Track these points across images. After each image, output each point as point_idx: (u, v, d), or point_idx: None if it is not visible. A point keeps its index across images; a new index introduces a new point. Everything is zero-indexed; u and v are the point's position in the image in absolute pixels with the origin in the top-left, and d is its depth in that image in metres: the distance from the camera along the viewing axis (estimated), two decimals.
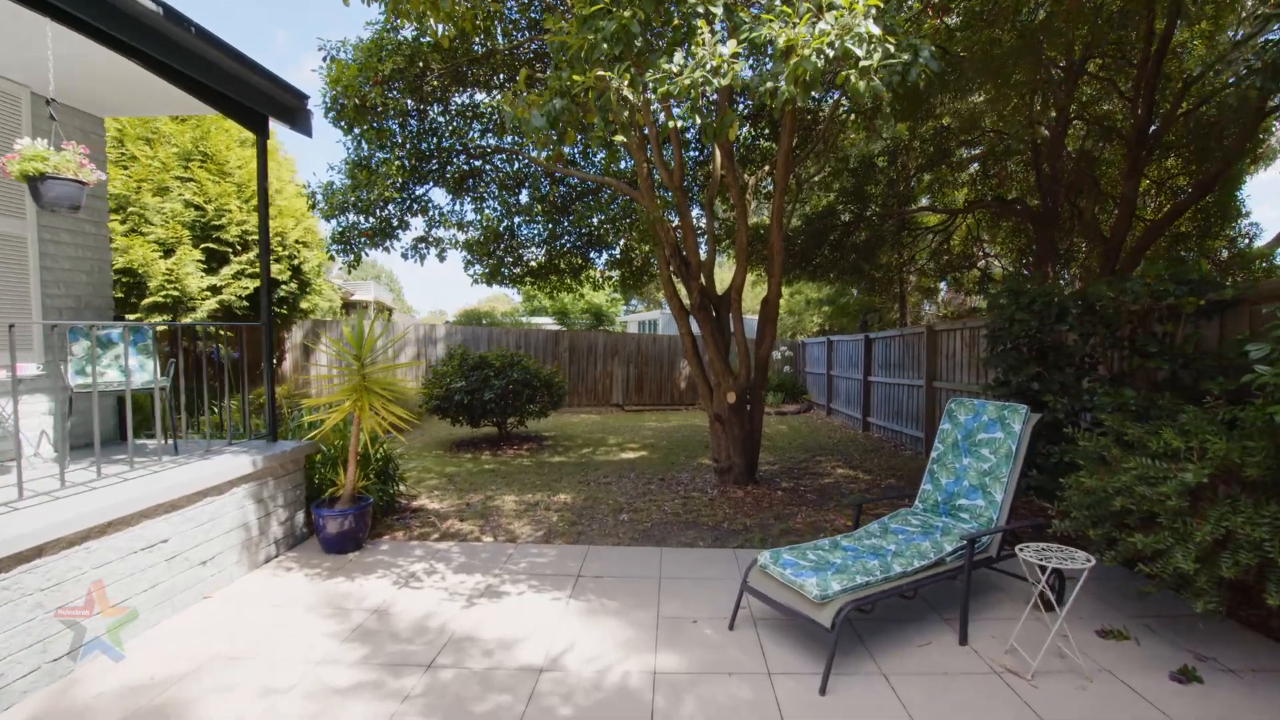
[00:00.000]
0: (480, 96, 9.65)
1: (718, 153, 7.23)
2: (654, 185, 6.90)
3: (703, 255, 7.38)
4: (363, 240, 8.91)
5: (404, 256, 9.48)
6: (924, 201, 11.76)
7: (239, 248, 11.20)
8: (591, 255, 11.37)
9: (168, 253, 10.46)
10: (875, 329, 17.00)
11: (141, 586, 3.55)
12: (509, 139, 9.24)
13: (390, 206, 9.06)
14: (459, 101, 9.26)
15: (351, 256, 9.10)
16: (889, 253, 12.71)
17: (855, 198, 11.21)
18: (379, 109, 7.59)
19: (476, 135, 9.45)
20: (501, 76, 9.35)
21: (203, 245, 10.76)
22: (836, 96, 8.49)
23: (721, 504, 6.24)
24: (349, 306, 22.54)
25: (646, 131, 6.80)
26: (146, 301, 10.25)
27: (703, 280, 6.93)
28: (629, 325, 34.20)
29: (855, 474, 7.91)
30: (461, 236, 9.82)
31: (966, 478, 4.03)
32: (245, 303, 11.29)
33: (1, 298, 4.45)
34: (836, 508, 6.16)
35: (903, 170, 11.25)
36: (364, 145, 8.26)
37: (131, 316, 10.17)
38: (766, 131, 10.01)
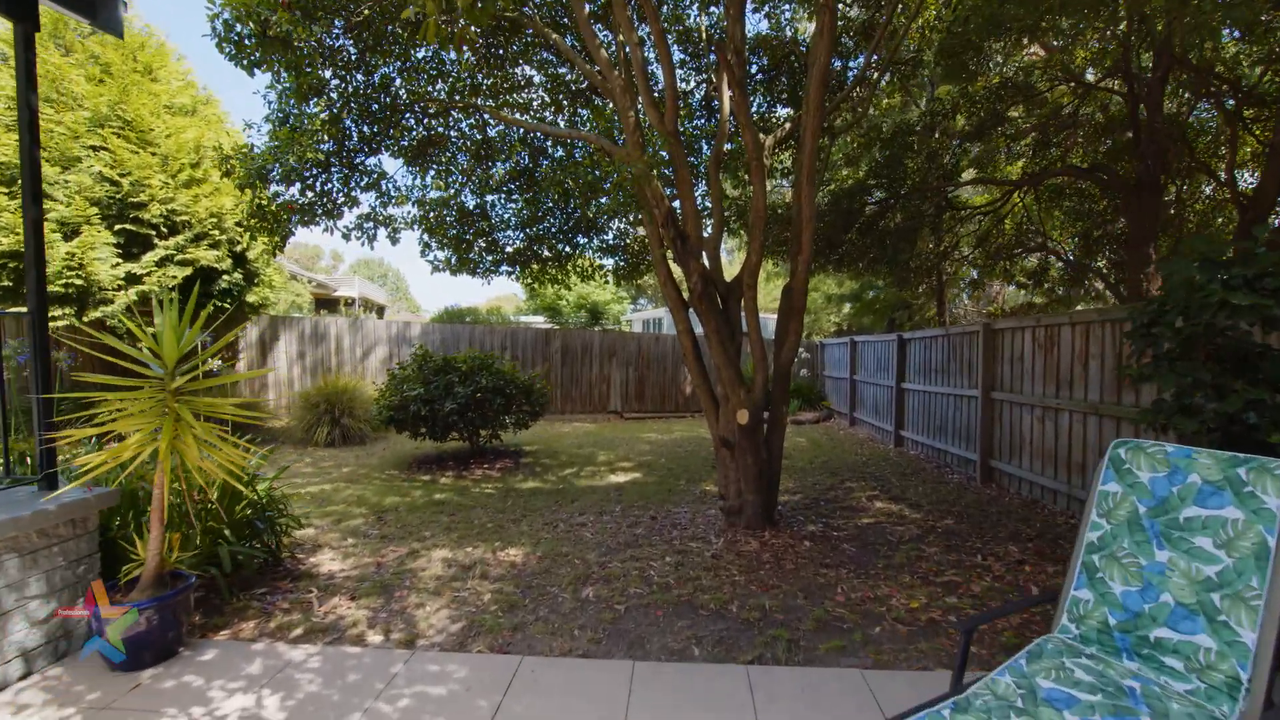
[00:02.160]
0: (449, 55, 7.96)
1: (725, 92, 5.45)
2: (643, 137, 5.13)
3: (706, 232, 5.61)
4: (293, 217, 7.20)
5: (345, 237, 7.76)
6: (970, 178, 9.93)
7: (164, 230, 9.51)
8: (580, 240, 9.61)
9: (71, 235, 8.78)
10: (906, 328, 15.13)
11: None
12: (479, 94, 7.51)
13: (332, 178, 7.36)
14: (420, 56, 7.54)
15: (275, 236, 7.39)
16: (927, 238, 10.88)
17: (889, 173, 9.39)
18: (292, 42, 5.86)
19: (443, 95, 7.73)
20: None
21: (118, 226, 9.07)
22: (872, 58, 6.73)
23: (730, 564, 4.45)
24: (328, 304, 20.94)
25: (629, 52, 5.04)
26: (51, 289, 8.56)
27: (705, 262, 5.15)
28: (633, 324, 32.44)
29: (899, 510, 6.10)
30: (419, 214, 8.07)
31: (1168, 589, 2.24)
32: (174, 294, 9.58)
33: None
34: (889, 570, 4.36)
35: (945, 140, 9.42)
36: (282, 93, 6.51)
37: (13, 309, 8.51)
38: (785, 95, 8.23)
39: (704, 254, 5.18)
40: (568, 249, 9.71)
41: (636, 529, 5.42)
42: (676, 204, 6.07)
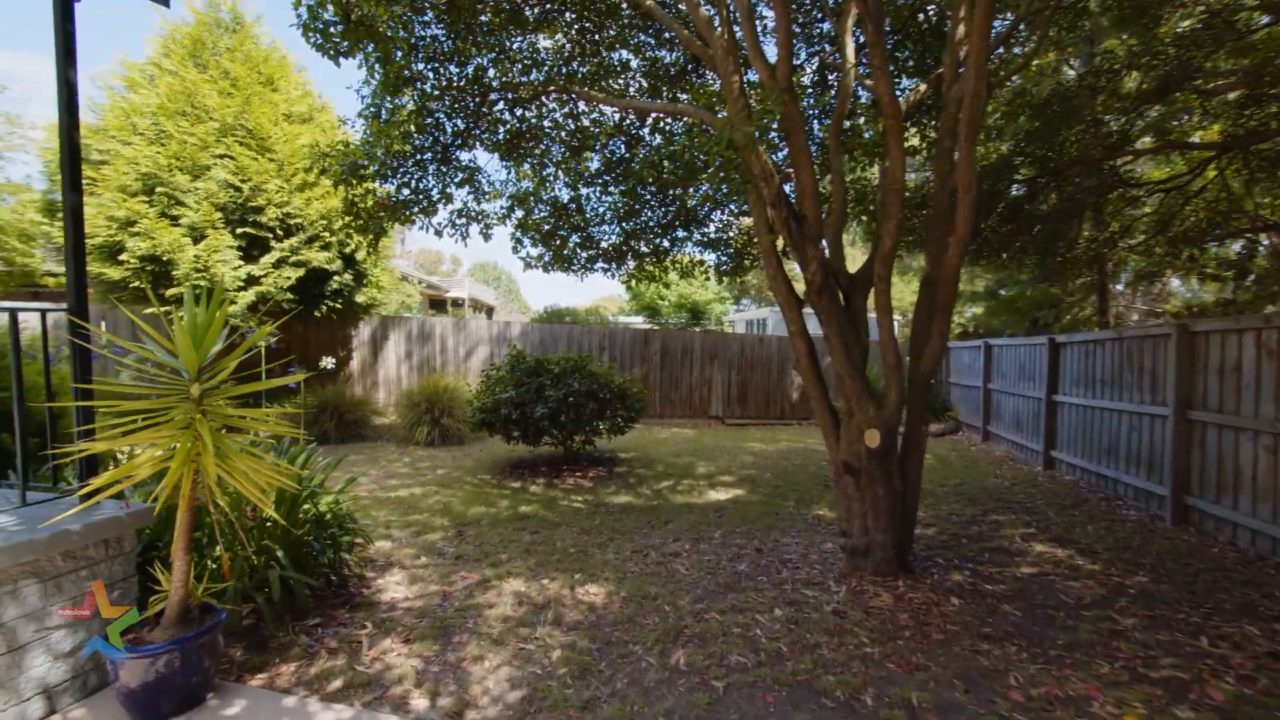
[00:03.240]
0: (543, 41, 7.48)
1: (849, 45, 4.47)
2: (748, 107, 4.25)
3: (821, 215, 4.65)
4: (381, 213, 6.95)
5: (438, 234, 7.43)
6: (1148, 146, 8.18)
7: (280, 233, 9.72)
8: (679, 234, 8.85)
9: (199, 238, 9.12)
10: (1056, 329, 13.13)
11: None
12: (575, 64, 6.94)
13: (427, 174, 7.06)
14: (515, 46, 7.10)
15: (369, 234, 7.18)
16: (1088, 222, 9.17)
17: (1040, 147, 7.88)
18: (378, 28, 5.51)
19: (537, 81, 7.24)
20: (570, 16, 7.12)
21: (239, 230, 9.34)
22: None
23: (858, 626, 3.51)
24: (439, 305, 21.48)
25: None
26: (171, 292, 8.96)
27: (825, 250, 4.20)
28: (736, 325, 31.30)
29: (1067, 557, 4.83)
30: (509, 207, 7.63)
31: None
32: (289, 294, 9.81)
33: None
34: (1075, 650, 3.24)
35: (1113, 102, 7.78)
36: (373, 83, 6.21)
37: (150, 310, 8.92)
38: (911, 65, 7.03)
39: (824, 240, 4.24)
40: (666, 243, 8.98)
41: (739, 564, 4.56)
42: (787, 186, 5.16)
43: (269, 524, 3.51)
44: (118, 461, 3.47)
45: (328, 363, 11.52)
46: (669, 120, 7.89)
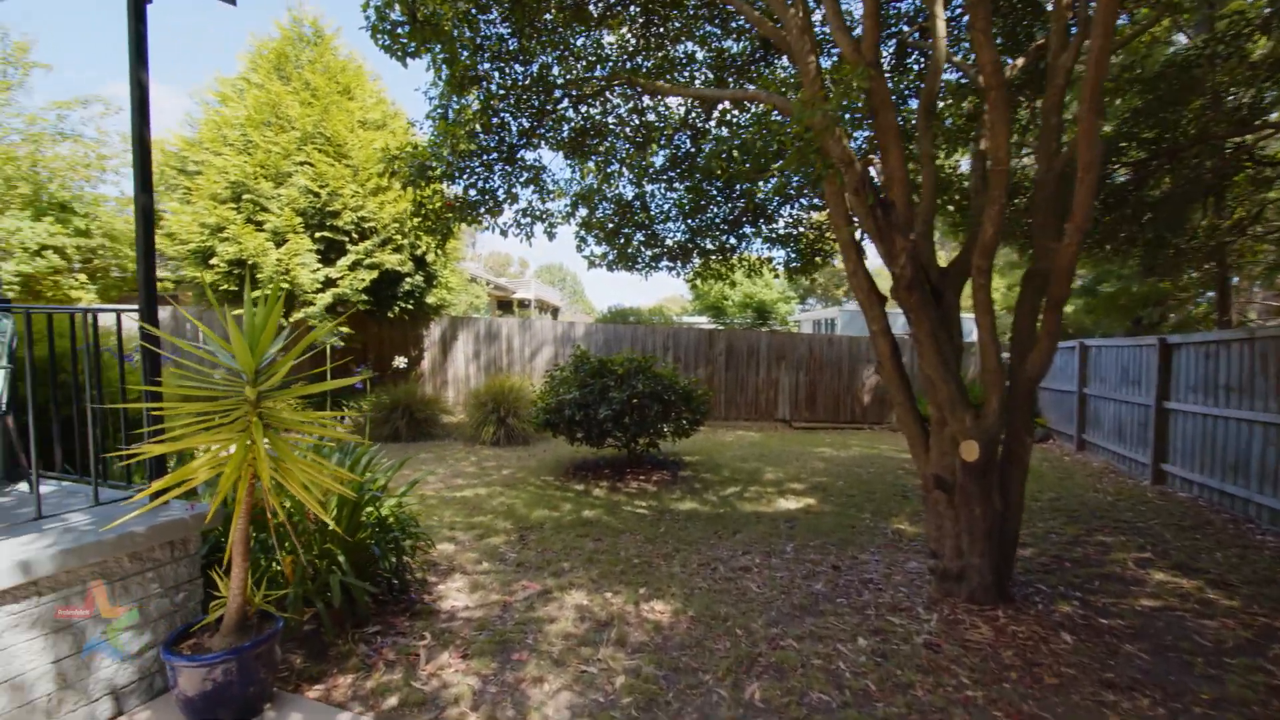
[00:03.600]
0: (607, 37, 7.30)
1: (939, 7, 4.04)
2: (824, 88, 3.87)
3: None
4: (448, 214, 6.94)
5: (503, 234, 7.37)
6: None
7: (355, 236, 9.97)
8: (747, 230, 8.49)
9: (281, 242, 9.44)
10: (1165, 328, 11.95)
11: None
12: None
13: (493, 175, 7.01)
14: (579, 43, 6.96)
15: (436, 235, 7.18)
16: (1209, 209, 8.21)
17: (1152, 126, 7.08)
18: (443, 26, 5.45)
19: (601, 77, 7.07)
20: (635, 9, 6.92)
21: (318, 234, 9.62)
22: None
23: (955, 664, 3.11)
24: (505, 306, 21.79)
25: None
26: (255, 294, 9.28)
27: (914, 239, 3.79)
28: (802, 326, 30.39)
29: (1196, 588, 4.22)
30: (572, 206, 7.49)
31: None
32: (364, 296, 10.04)
33: None
34: (1227, 710, 2.74)
35: (1240, 72, 6.89)
36: (440, 85, 6.18)
37: (236, 312, 9.31)
38: (999, 41, 6.42)
39: (914, 229, 3.83)
40: (732, 240, 8.64)
41: (814, 583, 4.20)
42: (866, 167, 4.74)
43: (331, 528, 3.44)
44: (184, 462, 3.48)
45: (400, 362, 11.75)
46: (736, 112, 7.56)
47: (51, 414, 3.12)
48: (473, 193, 6.73)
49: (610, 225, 7.77)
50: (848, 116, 3.64)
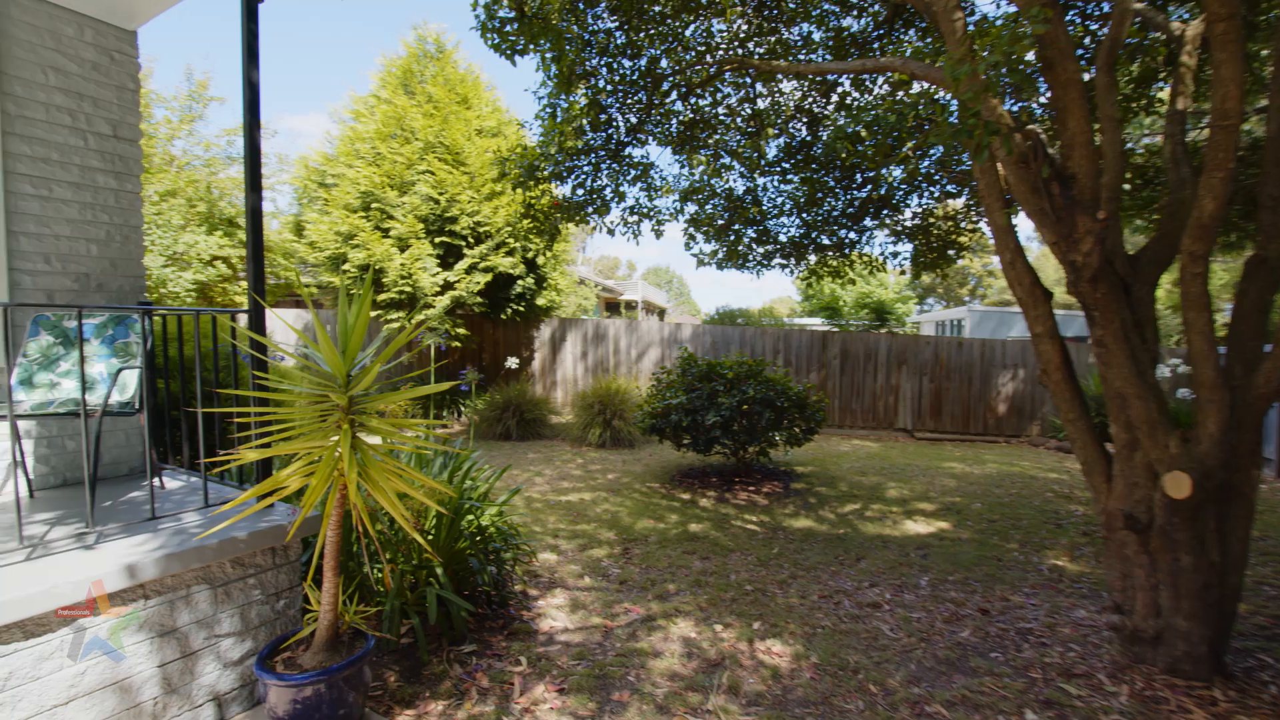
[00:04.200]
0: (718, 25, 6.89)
1: None
2: (973, 51, 3.21)
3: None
4: (556, 213, 6.81)
5: (610, 233, 7.15)
6: None
7: (471, 240, 10.20)
8: (868, 223, 7.75)
9: (404, 248, 9.83)
10: None
11: None
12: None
13: (601, 174, 6.81)
14: (688, 33, 6.61)
15: (544, 236, 7.08)
16: None
17: None
18: (551, 21, 5.27)
19: (711, 63, 6.67)
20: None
21: (437, 239, 9.93)
22: None
23: None
24: (613, 307, 21.84)
25: None
26: (383, 297, 9.73)
27: (1104, 219, 3.05)
28: (922, 328, 28.24)
29: None
30: (681, 202, 7.13)
31: None
32: (479, 298, 10.26)
33: None
34: None
35: None
36: (549, 84, 6.04)
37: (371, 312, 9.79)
38: None
39: (1103, 206, 3.10)
40: (852, 234, 7.93)
41: (960, 629, 3.55)
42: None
43: (430, 537, 3.28)
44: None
45: (512, 363, 11.93)
46: (856, 95, 6.88)
47: (175, 412, 3.18)
48: (580, 192, 6.56)
49: (720, 221, 7.34)
50: (1019, 68, 2.97)
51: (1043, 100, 5.05)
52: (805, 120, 7.28)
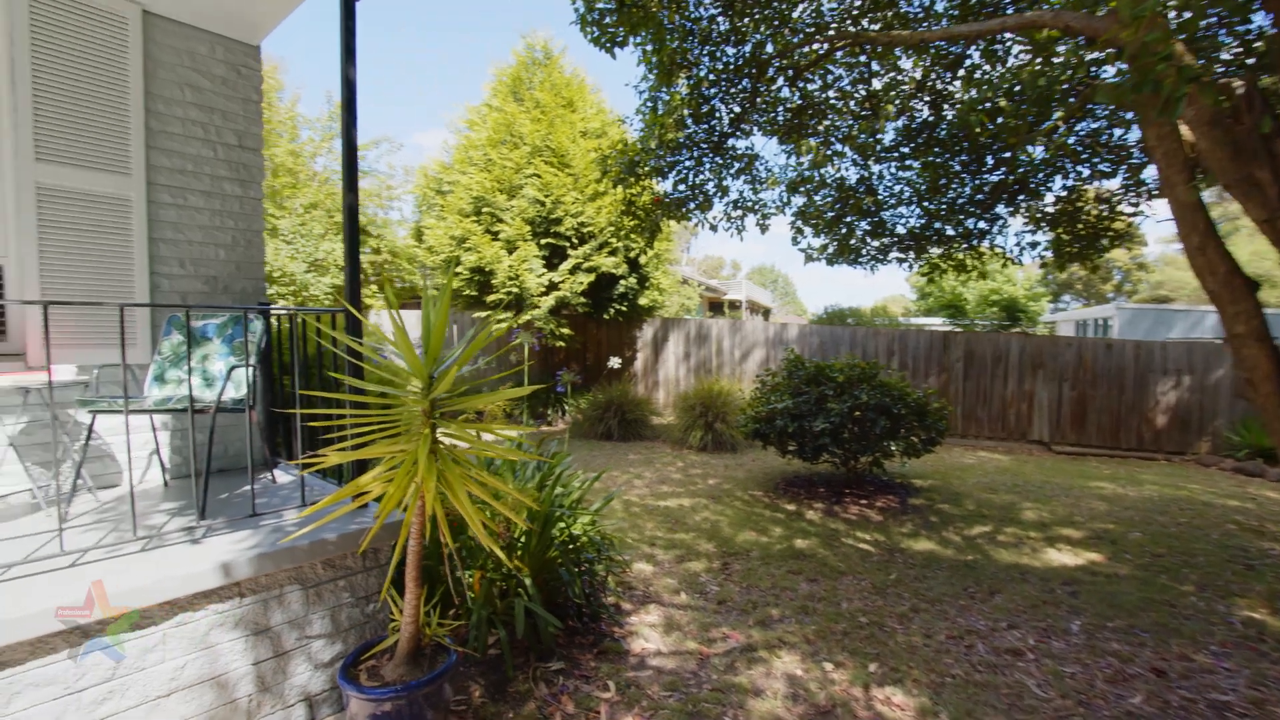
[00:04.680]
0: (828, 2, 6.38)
1: None
2: None
3: None
4: (657, 210, 6.59)
5: (713, 228, 6.83)
6: None
7: (575, 241, 10.23)
8: (1000, 211, 6.90)
9: (512, 250, 10.02)
10: None
11: None
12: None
13: (703, 168, 6.53)
14: (796, 15, 6.18)
15: (644, 234, 6.87)
16: None
17: None
18: (650, 8, 5.04)
19: (820, 42, 6.20)
20: None
21: (543, 241, 10.04)
22: None
23: None
24: (716, 307, 21.36)
25: None
26: (492, 298, 9.97)
27: None
28: (1058, 328, 25.44)
29: None
30: (789, 195, 6.67)
31: None
32: (582, 298, 10.28)
33: (90, 277, 3.25)
34: None
35: None
36: (649, 77, 5.82)
37: (479, 314, 10.04)
38: None
39: None
40: (981, 224, 7.08)
41: (1129, 693, 2.91)
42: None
43: (519, 547, 3.14)
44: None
45: (614, 362, 11.89)
46: (987, 68, 6.09)
47: (288, 410, 3.24)
48: (682, 188, 6.30)
49: (830, 213, 6.79)
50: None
51: (1235, 50, 4.13)
52: (927, 99, 6.58)
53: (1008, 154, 6.23)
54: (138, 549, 2.40)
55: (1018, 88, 4.24)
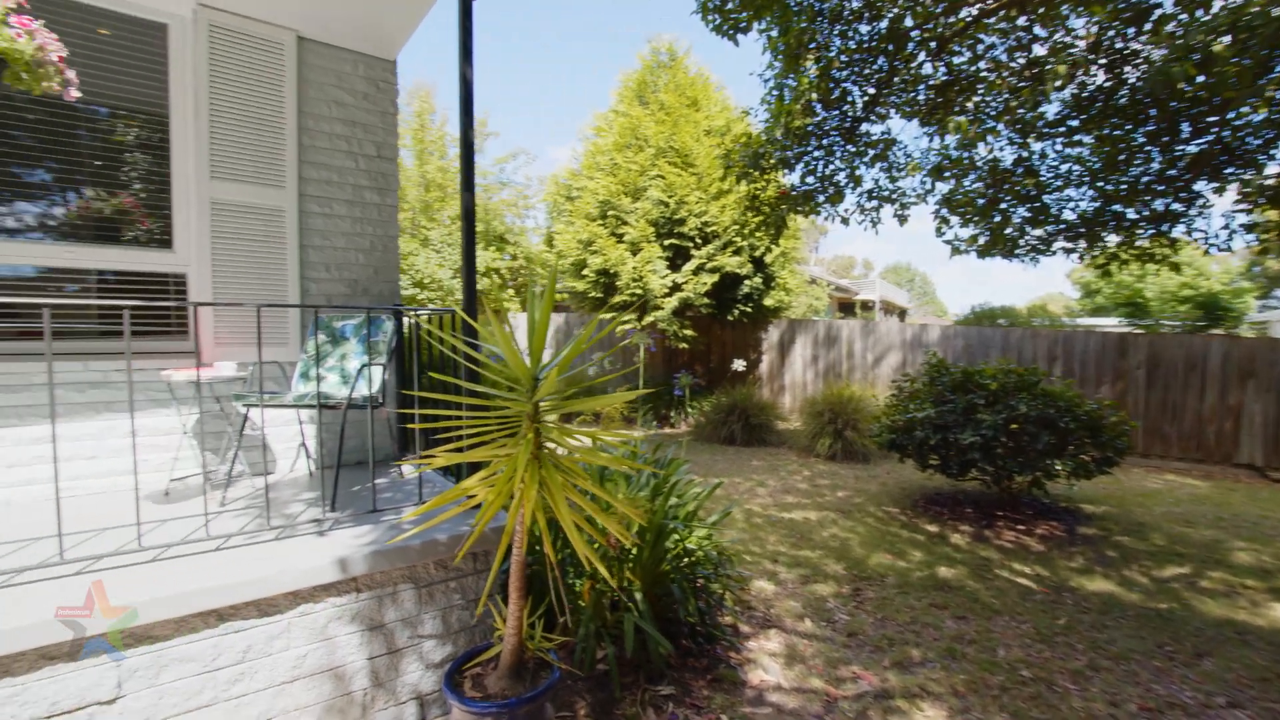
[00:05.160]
0: None
1: None
2: None
3: None
4: (783, 204, 6.18)
5: (845, 221, 6.31)
6: None
7: (698, 241, 10.01)
8: (1200, 187, 5.72)
9: (636, 251, 10.00)
10: None
11: None
12: None
13: (833, 157, 6.05)
14: None
15: (770, 229, 6.46)
16: None
17: None
18: None
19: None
20: None
21: (666, 242, 9.93)
22: None
23: None
24: (847, 308, 20.05)
25: None
26: (616, 299, 10.01)
27: None
28: (1272, 328, 21.15)
29: None
30: (933, 182, 5.97)
31: None
32: (706, 299, 10.04)
33: (252, 283, 3.53)
34: None
35: None
36: (774, 64, 5.44)
37: (604, 315, 10.10)
38: None
39: None
40: (1175, 204, 5.92)
41: None
42: None
43: (630, 559, 2.96)
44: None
45: (738, 365, 11.50)
46: (1185, 15, 5.02)
47: (410, 410, 3.31)
48: (810, 179, 5.85)
49: (981, 200, 5.99)
50: None
51: None
52: (1102, 62, 5.59)
53: (1213, 118, 5.14)
54: (272, 537, 2.51)
55: (1244, 20, 3.37)
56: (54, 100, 2.89)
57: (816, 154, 5.78)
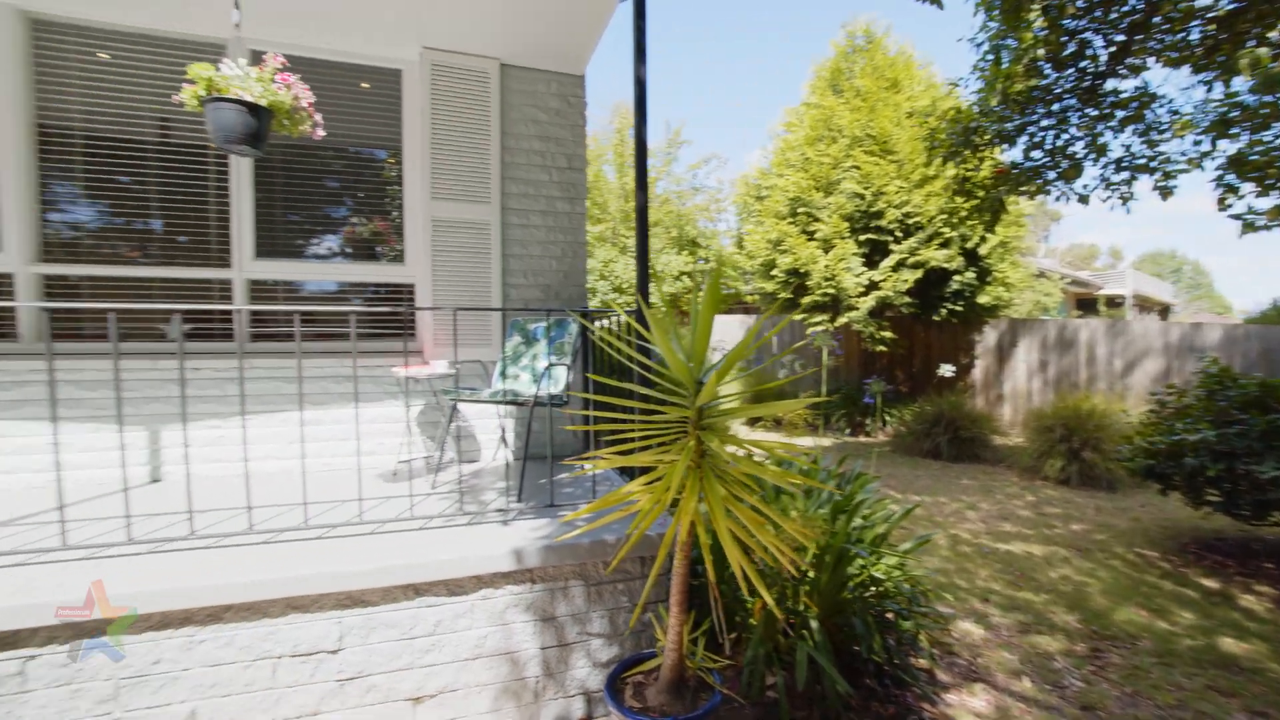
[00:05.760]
0: None
1: None
2: None
3: None
4: (1001, 185, 5.27)
5: (1083, 200, 5.21)
6: None
7: (898, 235, 9.10)
8: None
9: (828, 248, 9.39)
10: None
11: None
12: None
13: (1068, 125, 5.04)
14: None
15: (984, 215, 5.54)
16: None
17: None
18: None
19: None
20: None
21: (862, 237, 9.19)
22: None
23: None
24: (1086, 304, 16.52)
25: None
26: (806, 300, 9.50)
27: None
28: None
29: None
30: (1222, 143, 4.63)
31: None
32: (907, 298, 9.10)
33: (463, 290, 3.90)
34: None
35: None
36: (988, 25, 4.65)
37: (798, 316, 9.62)
38: None
39: None
40: None
41: None
42: None
43: (808, 583, 2.68)
44: None
45: (946, 370, 10.23)
46: None
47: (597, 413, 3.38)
48: (1036, 154, 4.89)
49: None
50: None
51: None
52: None
53: None
54: (465, 522, 2.70)
55: None
56: (337, 147, 3.48)
57: (1045, 123, 4.82)
